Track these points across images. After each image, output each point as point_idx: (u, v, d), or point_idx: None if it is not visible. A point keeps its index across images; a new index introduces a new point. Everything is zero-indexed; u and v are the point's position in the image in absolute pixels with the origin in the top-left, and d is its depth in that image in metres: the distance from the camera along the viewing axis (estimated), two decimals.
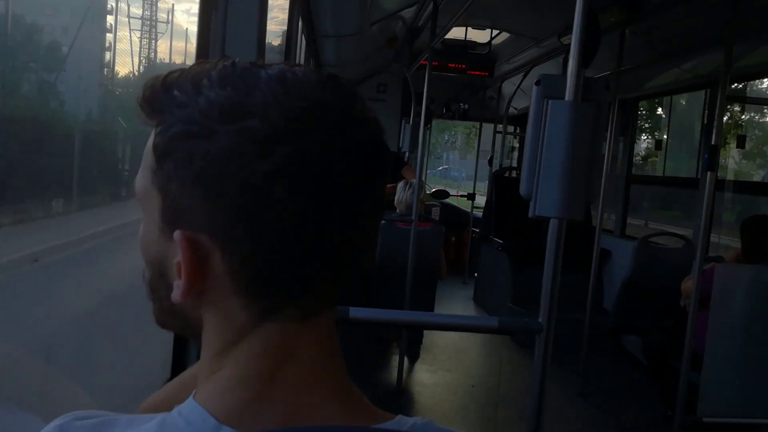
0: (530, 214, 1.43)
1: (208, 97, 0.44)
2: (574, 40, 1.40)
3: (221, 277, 0.46)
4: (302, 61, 3.79)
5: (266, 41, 1.13)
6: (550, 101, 1.38)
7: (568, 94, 1.37)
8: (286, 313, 0.46)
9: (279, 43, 3.06)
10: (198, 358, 1.19)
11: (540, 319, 1.45)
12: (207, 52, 1.08)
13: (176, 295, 0.46)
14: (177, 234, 0.45)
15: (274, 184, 0.42)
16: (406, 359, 3.96)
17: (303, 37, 3.59)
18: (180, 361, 1.15)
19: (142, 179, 0.48)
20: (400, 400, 3.51)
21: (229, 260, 0.45)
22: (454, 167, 30.31)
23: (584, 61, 1.38)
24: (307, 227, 0.44)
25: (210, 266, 0.45)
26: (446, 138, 29.08)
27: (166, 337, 1.18)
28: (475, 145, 7.94)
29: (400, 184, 4.29)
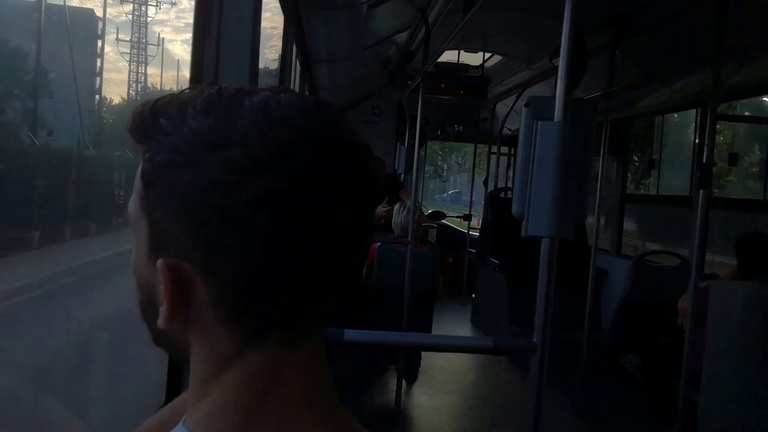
0: (522, 234, 1.44)
1: (191, 125, 0.45)
2: (561, 62, 1.43)
3: (205, 306, 0.46)
4: (297, 86, 3.83)
5: (263, 66, 1.15)
6: (539, 122, 1.40)
7: (557, 115, 1.40)
8: (270, 342, 0.46)
9: (276, 68, 3.10)
10: None
11: (534, 339, 1.45)
12: (200, 78, 1.09)
13: (160, 321, 0.47)
14: (159, 262, 0.45)
15: (255, 214, 0.42)
16: (404, 382, 3.94)
17: (297, 62, 3.63)
18: (175, 386, 1.15)
19: (133, 204, 0.49)
20: (398, 423, 3.49)
21: (212, 289, 0.45)
22: (465, 190, 29.71)
23: (572, 83, 1.41)
24: (290, 257, 0.44)
25: (194, 294, 0.46)
26: (454, 159, 28.35)
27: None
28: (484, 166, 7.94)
29: (397, 206, 4.30)
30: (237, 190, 0.42)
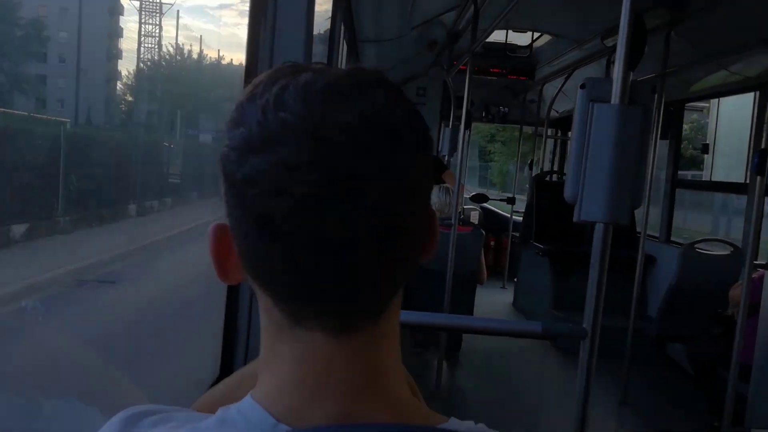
0: (575, 219, 1.42)
1: (235, 105, 0.48)
2: (620, 42, 1.39)
3: (246, 273, 0.49)
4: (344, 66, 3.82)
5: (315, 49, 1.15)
6: (595, 104, 1.37)
7: (614, 98, 1.36)
8: (311, 326, 0.47)
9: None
10: (245, 360, 1.21)
11: (584, 325, 1.43)
12: (256, 57, 1.10)
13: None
14: (211, 225, 0.49)
15: (248, 191, 0.44)
16: (444, 364, 3.94)
17: (345, 43, 3.62)
18: (228, 361, 1.18)
19: None
20: (438, 404, 3.50)
21: (241, 258, 0.48)
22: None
23: (630, 64, 1.37)
24: (278, 240, 0.43)
25: (240, 261, 0.48)
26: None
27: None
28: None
29: (435, 189, 4.28)
30: (237, 166, 0.44)
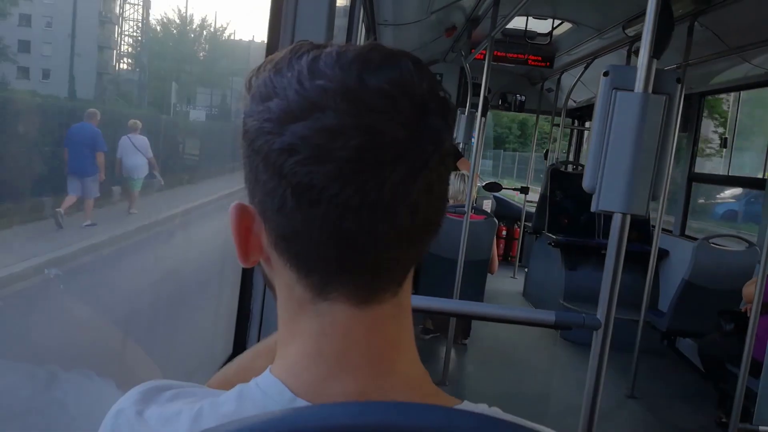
0: (593, 209, 1.40)
1: (259, 80, 0.48)
2: (646, 29, 1.36)
3: (270, 249, 0.49)
4: None
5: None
6: (618, 92, 1.35)
7: (638, 86, 1.34)
8: (335, 297, 0.47)
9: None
10: (258, 339, 1.22)
11: (598, 315, 1.42)
12: (278, 35, 1.09)
13: (239, 259, 0.51)
14: (232, 204, 0.49)
15: (286, 160, 0.44)
16: (452, 352, 3.95)
17: (363, 26, 3.60)
18: (241, 340, 1.18)
19: None
20: (446, 390, 3.50)
21: (268, 234, 0.48)
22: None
23: (656, 52, 1.34)
24: (318, 206, 0.44)
25: (262, 238, 0.49)
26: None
27: None
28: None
29: (451, 176, 4.26)
30: (273, 137, 0.44)
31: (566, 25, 5.64)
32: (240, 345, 1.17)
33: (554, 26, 5.88)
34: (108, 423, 0.51)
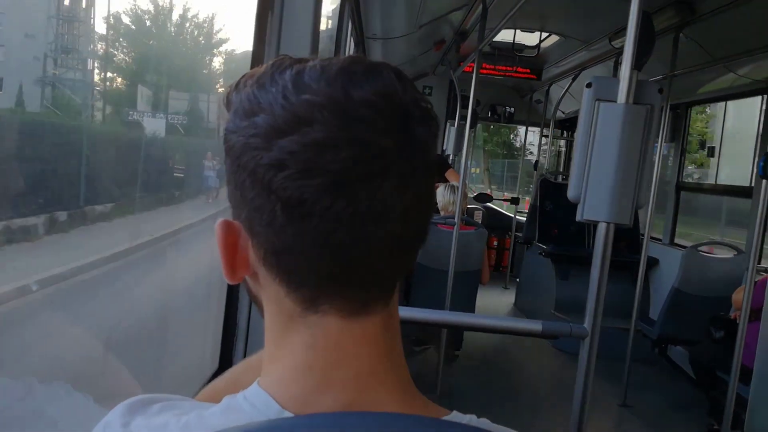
0: (578, 218, 1.42)
1: (241, 95, 0.48)
2: (628, 41, 1.38)
3: (259, 265, 0.49)
4: None
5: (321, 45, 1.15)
6: (601, 103, 1.37)
7: (620, 97, 1.36)
8: (326, 310, 0.47)
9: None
10: (244, 354, 1.21)
11: (585, 324, 1.43)
12: (263, 50, 1.10)
13: (225, 276, 0.51)
14: (218, 221, 0.49)
15: (274, 176, 0.44)
16: (443, 362, 3.95)
17: (351, 40, 3.62)
18: (227, 355, 1.18)
19: None
20: (438, 402, 3.49)
21: (256, 249, 0.48)
22: None
23: (637, 64, 1.36)
24: (310, 220, 0.44)
25: (249, 253, 0.49)
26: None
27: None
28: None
29: (441, 187, 4.28)
30: (261, 152, 0.44)
31: (554, 38, 5.69)
32: (226, 359, 1.17)
33: (542, 39, 5.94)
34: None
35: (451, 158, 5.97)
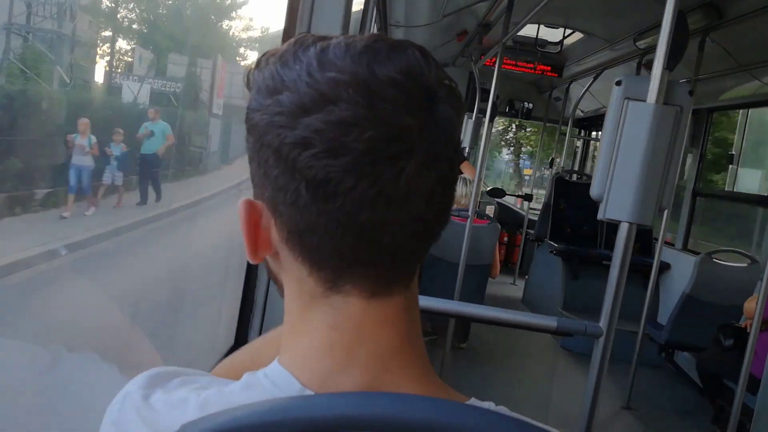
0: (599, 217, 1.40)
1: (264, 73, 0.47)
2: (661, 40, 1.36)
3: (282, 244, 0.48)
4: None
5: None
6: (630, 102, 1.35)
7: (650, 97, 1.34)
8: (348, 290, 0.47)
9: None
10: (260, 331, 1.22)
11: (600, 324, 1.42)
12: (294, 28, 1.10)
13: (247, 256, 0.51)
14: (240, 200, 0.49)
15: (299, 154, 0.43)
16: (450, 354, 3.95)
17: (375, 26, 3.61)
18: (244, 331, 1.18)
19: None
20: None
21: (279, 229, 0.48)
22: None
23: (670, 64, 1.34)
24: (334, 199, 0.44)
25: (272, 233, 0.49)
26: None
27: None
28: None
29: None
30: (285, 131, 0.44)
31: (577, 35, 5.65)
32: (242, 335, 1.17)
33: (565, 35, 5.89)
34: (115, 406, 0.52)
35: (467, 151, 5.94)
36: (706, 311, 4.02)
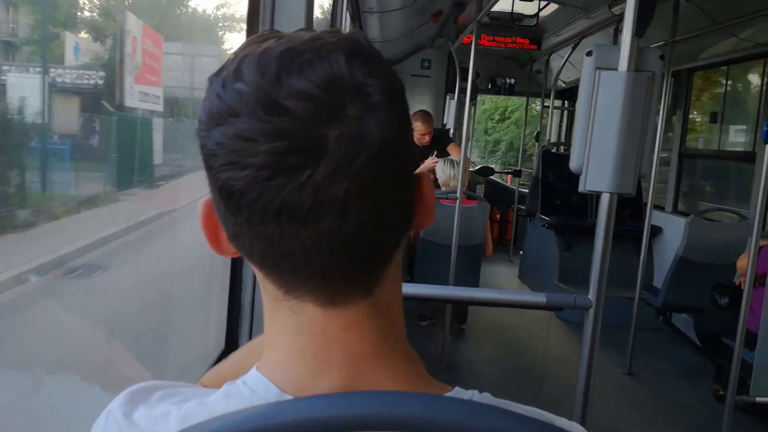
0: (580, 189, 1.40)
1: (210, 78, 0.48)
2: (628, 7, 1.36)
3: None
4: None
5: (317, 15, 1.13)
6: (602, 72, 1.34)
7: (622, 65, 1.33)
8: (302, 296, 0.46)
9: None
10: (250, 333, 1.21)
11: (589, 296, 1.43)
12: (256, 25, 1.08)
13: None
14: (202, 200, 0.49)
15: (212, 165, 0.44)
16: (449, 337, 3.97)
17: (347, 14, 3.58)
18: (233, 335, 1.18)
19: None
20: (443, 377, 3.52)
21: (225, 231, 0.48)
22: None
23: (638, 30, 1.34)
24: (241, 212, 0.44)
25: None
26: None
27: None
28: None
29: (440, 163, 4.27)
30: (204, 140, 0.45)
31: (552, 6, 5.62)
32: (232, 339, 1.17)
33: (540, 7, 5.86)
34: (98, 426, 0.52)
35: (451, 132, 5.93)
36: (700, 272, 4.05)
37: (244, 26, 1.16)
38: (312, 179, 0.41)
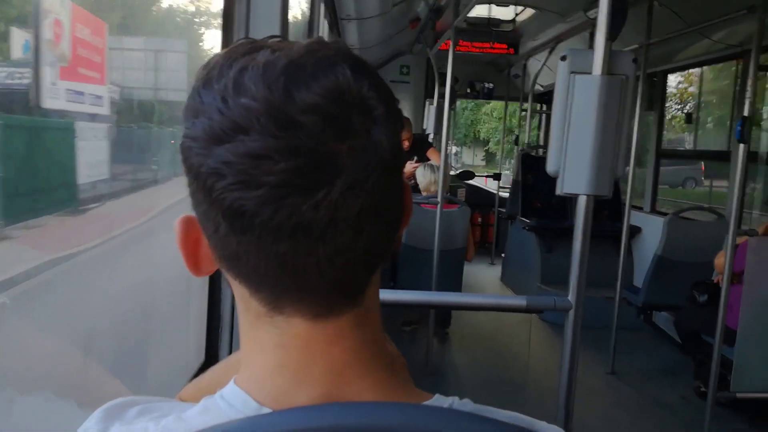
0: (557, 192, 1.42)
1: (192, 89, 0.45)
2: (600, 12, 1.38)
3: (220, 265, 0.47)
4: None
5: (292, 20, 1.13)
6: (576, 76, 1.36)
7: (595, 69, 1.35)
8: (291, 312, 0.46)
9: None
10: (230, 346, 1.21)
11: (569, 297, 1.44)
12: (231, 32, 1.08)
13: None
14: (179, 217, 0.48)
15: (214, 184, 0.42)
16: (434, 341, 3.97)
17: (326, 21, 3.58)
18: (213, 348, 1.17)
19: None
20: (428, 382, 3.53)
21: (213, 251, 0.47)
22: None
23: (611, 34, 1.36)
24: (251, 231, 0.42)
25: (208, 252, 0.48)
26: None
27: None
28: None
29: (420, 168, 4.28)
30: (201, 158, 0.42)
31: (529, 11, 5.67)
32: (212, 352, 1.16)
33: (517, 13, 5.92)
34: None
35: (431, 137, 5.95)
36: (679, 270, 4.10)
37: (220, 20, 1.14)
38: (329, 197, 0.41)
